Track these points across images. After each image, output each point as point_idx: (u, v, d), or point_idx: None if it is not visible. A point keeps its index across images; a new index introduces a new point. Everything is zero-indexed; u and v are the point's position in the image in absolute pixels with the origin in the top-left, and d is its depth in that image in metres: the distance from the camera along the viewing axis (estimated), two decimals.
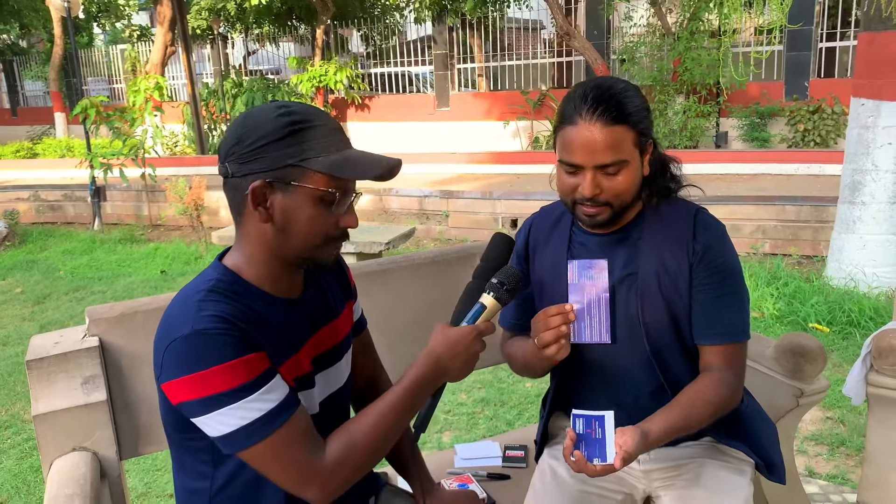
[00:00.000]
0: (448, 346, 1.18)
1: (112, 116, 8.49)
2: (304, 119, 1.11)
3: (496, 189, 8.33)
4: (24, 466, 3.12)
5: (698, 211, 1.44)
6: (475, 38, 13.61)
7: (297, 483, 1.11)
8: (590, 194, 1.34)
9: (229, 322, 1.07)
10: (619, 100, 1.32)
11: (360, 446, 1.14)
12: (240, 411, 1.06)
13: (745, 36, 11.06)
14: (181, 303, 1.12)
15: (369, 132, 13.59)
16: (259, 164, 1.10)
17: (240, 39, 16.75)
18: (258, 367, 1.08)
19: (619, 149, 1.32)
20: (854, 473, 2.75)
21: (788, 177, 8.39)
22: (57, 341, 1.56)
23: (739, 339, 1.41)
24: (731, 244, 1.43)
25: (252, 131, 1.10)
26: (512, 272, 1.26)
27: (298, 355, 1.19)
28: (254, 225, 1.14)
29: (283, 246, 1.15)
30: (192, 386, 1.05)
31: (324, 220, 1.13)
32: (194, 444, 1.15)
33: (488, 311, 1.23)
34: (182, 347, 1.05)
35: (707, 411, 1.34)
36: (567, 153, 1.35)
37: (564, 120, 1.35)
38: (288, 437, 1.09)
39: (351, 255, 4.68)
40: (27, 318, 5.38)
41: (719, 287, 1.39)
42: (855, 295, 4.54)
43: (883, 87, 4.59)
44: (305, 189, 1.11)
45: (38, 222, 9.18)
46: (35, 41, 19.82)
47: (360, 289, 1.48)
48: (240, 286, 1.15)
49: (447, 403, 3.54)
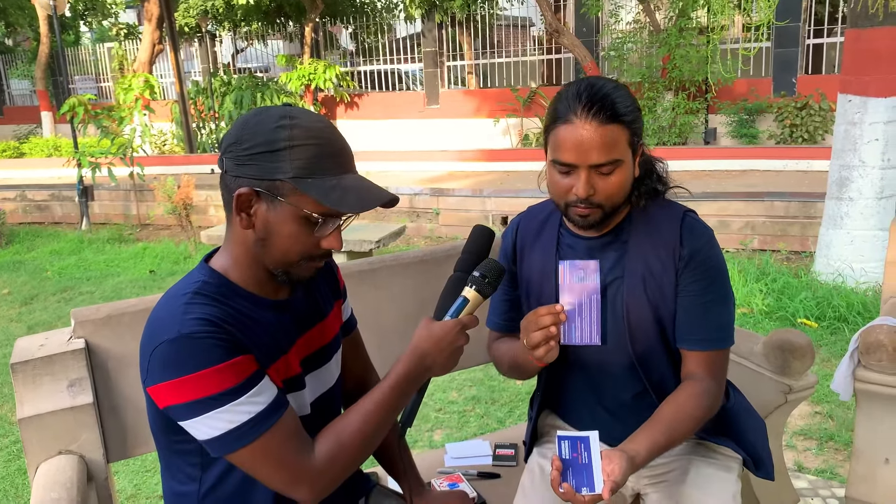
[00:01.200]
0: (432, 341, 1.18)
1: (100, 115, 8.43)
2: (305, 135, 1.07)
3: (486, 187, 8.33)
4: (12, 469, 3.09)
5: (685, 214, 1.43)
6: (465, 35, 13.60)
7: (287, 484, 1.10)
8: (584, 194, 1.32)
9: (216, 325, 1.06)
10: (613, 99, 1.30)
11: (347, 445, 1.13)
12: (228, 415, 1.05)
13: (734, 32, 11.11)
14: (167, 305, 1.10)
15: (359, 130, 13.55)
16: (250, 171, 1.08)
17: (228, 37, 16.65)
18: (246, 369, 1.07)
19: (614, 148, 1.30)
20: (843, 468, 2.77)
21: (777, 173, 8.43)
22: (42, 343, 1.54)
23: (722, 346, 1.40)
24: (718, 248, 1.42)
25: (251, 135, 1.08)
26: (493, 265, 1.25)
27: (287, 357, 1.18)
28: (237, 228, 1.13)
29: (261, 254, 1.14)
30: (180, 390, 1.04)
31: (304, 239, 1.12)
32: (182, 446, 1.15)
33: (471, 305, 1.23)
34: (169, 351, 1.04)
35: (690, 426, 1.34)
36: (561, 153, 1.32)
37: (557, 119, 1.33)
38: (277, 439, 1.08)
39: (341, 254, 4.67)
40: (14, 319, 5.33)
41: (704, 292, 1.38)
42: (843, 290, 4.57)
43: (869, 84, 4.62)
44: (290, 207, 1.08)
45: (25, 222, 9.10)
46: (21, 39, 19.63)
47: (350, 287, 1.47)
48: (226, 288, 1.14)
49: (438, 402, 3.54)
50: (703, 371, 1.38)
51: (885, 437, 1.97)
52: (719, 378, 1.40)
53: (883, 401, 1.96)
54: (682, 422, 1.33)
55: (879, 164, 4.70)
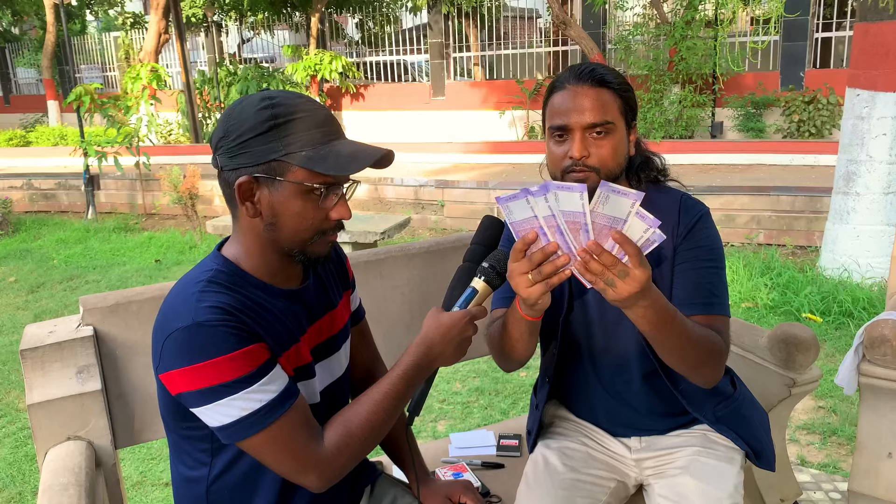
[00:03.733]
0: (441, 331, 1.19)
1: (106, 104, 8.44)
2: (288, 111, 1.08)
3: (492, 179, 8.32)
4: (20, 455, 3.12)
5: (684, 195, 1.48)
6: (471, 26, 13.55)
7: (297, 471, 1.11)
8: (578, 154, 1.35)
9: (230, 313, 1.07)
10: (603, 70, 1.40)
11: (356, 434, 1.14)
12: (241, 402, 1.06)
13: (742, 25, 11.04)
14: (181, 293, 1.11)
15: (364, 121, 13.54)
16: (245, 159, 1.09)
17: (234, 27, 16.63)
18: (258, 358, 1.08)
19: (606, 110, 1.36)
20: (846, 462, 2.78)
21: (783, 167, 8.40)
22: (51, 330, 1.56)
23: (719, 311, 1.40)
24: (713, 224, 1.46)
25: (237, 125, 1.09)
26: (503, 256, 1.26)
27: (298, 345, 1.19)
28: (245, 218, 1.14)
29: (274, 239, 1.14)
30: (193, 377, 1.05)
31: (312, 214, 1.12)
32: (193, 433, 1.16)
33: (480, 295, 1.24)
34: (182, 338, 1.05)
35: (701, 331, 1.29)
36: (555, 117, 1.38)
37: (553, 91, 1.41)
38: (287, 427, 1.09)
39: (346, 245, 4.68)
40: (21, 306, 5.36)
41: (698, 260, 1.41)
42: (848, 285, 4.56)
43: (878, 78, 4.59)
44: (290, 184, 1.09)
45: (31, 211, 9.14)
46: (27, 28, 19.64)
47: (356, 278, 1.48)
48: (239, 277, 1.15)
49: (442, 392, 3.56)
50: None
51: (888, 431, 1.97)
52: (724, 338, 1.38)
53: (887, 395, 1.96)
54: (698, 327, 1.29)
55: (887, 159, 4.68)
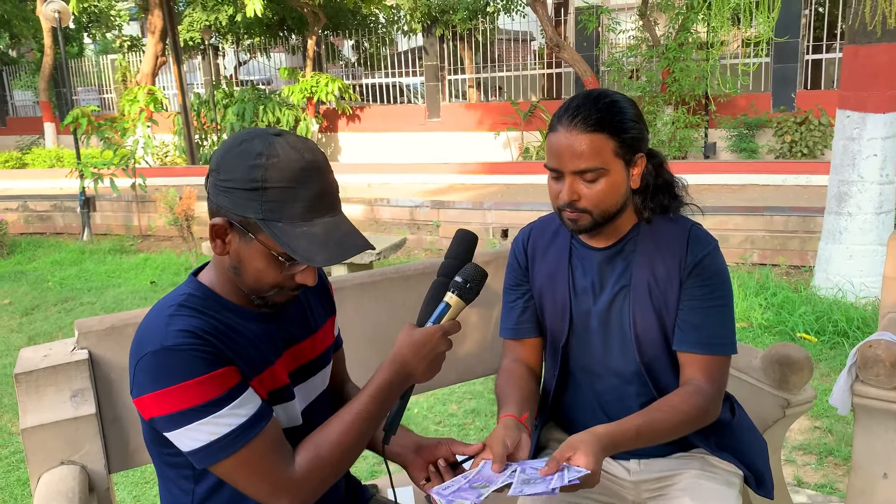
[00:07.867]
0: (414, 348, 1.19)
1: (103, 126, 8.47)
2: (279, 178, 1.05)
3: (487, 199, 8.35)
4: (12, 479, 3.09)
5: (693, 226, 1.46)
6: (466, 49, 13.68)
7: (269, 494, 1.11)
8: (567, 199, 1.36)
9: (199, 336, 1.07)
10: (601, 108, 1.34)
11: (326, 457, 1.14)
12: (209, 426, 1.06)
13: (733, 48, 11.17)
14: (153, 318, 1.12)
15: (360, 143, 13.61)
16: (225, 202, 1.08)
17: (231, 50, 16.75)
18: (228, 381, 1.08)
19: (596, 156, 1.33)
20: (842, 483, 2.77)
21: (776, 187, 8.45)
22: (46, 354, 1.55)
23: (722, 352, 1.40)
24: (722, 258, 1.44)
25: (228, 167, 1.07)
26: (475, 270, 1.24)
27: (273, 368, 1.18)
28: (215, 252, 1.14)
29: (235, 279, 1.15)
30: (162, 401, 1.05)
31: (275, 274, 1.12)
32: (174, 459, 1.15)
33: (453, 310, 1.23)
34: (152, 363, 1.05)
35: (673, 417, 1.32)
36: (550, 158, 1.39)
37: (550, 127, 1.40)
38: (258, 451, 1.09)
39: (341, 266, 4.68)
40: (15, 329, 5.34)
41: (706, 298, 1.40)
42: (842, 305, 4.57)
43: (868, 99, 4.65)
44: (259, 244, 1.09)
45: (26, 233, 9.12)
46: (25, 51, 19.75)
47: (351, 300, 1.49)
48: (212, 300, 1.15)
49: (438, 414, 3.54)
50: (700, 375, 1.39)
51: (883, 451, 1.97)
52: (717, 383, 1.39)
53: (881, 415, 1.96)
54: (662, 411, 1.32)
55: (878, 180, 4.72)
